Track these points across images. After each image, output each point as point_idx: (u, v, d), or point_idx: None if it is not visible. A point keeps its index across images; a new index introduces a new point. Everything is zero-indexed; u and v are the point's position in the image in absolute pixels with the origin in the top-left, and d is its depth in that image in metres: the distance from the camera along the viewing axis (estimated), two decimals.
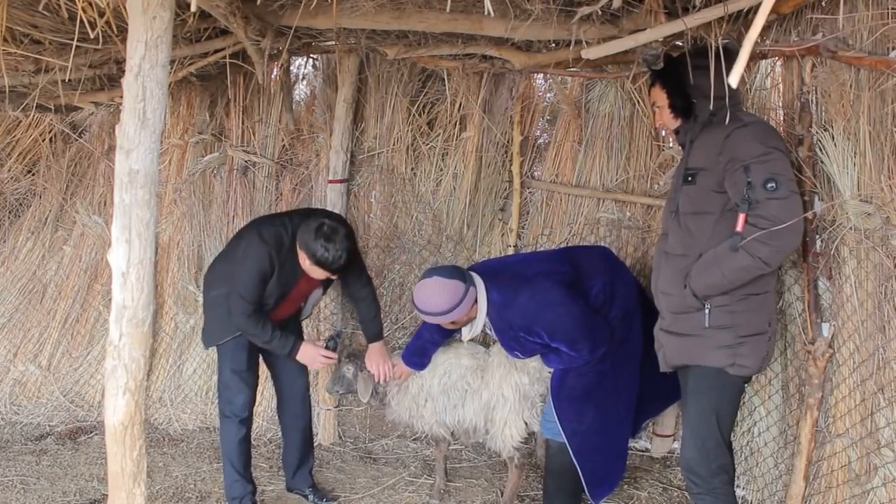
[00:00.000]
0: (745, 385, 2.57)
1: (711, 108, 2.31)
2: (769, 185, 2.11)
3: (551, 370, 2.94)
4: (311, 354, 2.92)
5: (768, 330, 2.31)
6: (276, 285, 2.79)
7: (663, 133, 3.70)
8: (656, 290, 2.49)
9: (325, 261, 2.66)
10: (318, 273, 2.75)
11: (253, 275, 2.72)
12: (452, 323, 2.75)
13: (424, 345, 3.07)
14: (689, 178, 2.36)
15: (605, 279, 2.83)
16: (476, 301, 2.72)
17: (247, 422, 3.01)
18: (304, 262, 2.74)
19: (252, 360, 2.98)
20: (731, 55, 2.23)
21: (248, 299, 2.73)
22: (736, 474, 3.02)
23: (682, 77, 2.35)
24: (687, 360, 2.35)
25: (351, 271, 2.96)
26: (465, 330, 2.84)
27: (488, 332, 2.87)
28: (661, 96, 2.48)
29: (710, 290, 2.25)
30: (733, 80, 1.12)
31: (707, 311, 2.27)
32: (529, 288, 2.69)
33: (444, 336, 3.05)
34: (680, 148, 2.68)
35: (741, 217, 2.15)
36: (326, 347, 2.99)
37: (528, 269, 2.80)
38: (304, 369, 3.19)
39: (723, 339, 2.26)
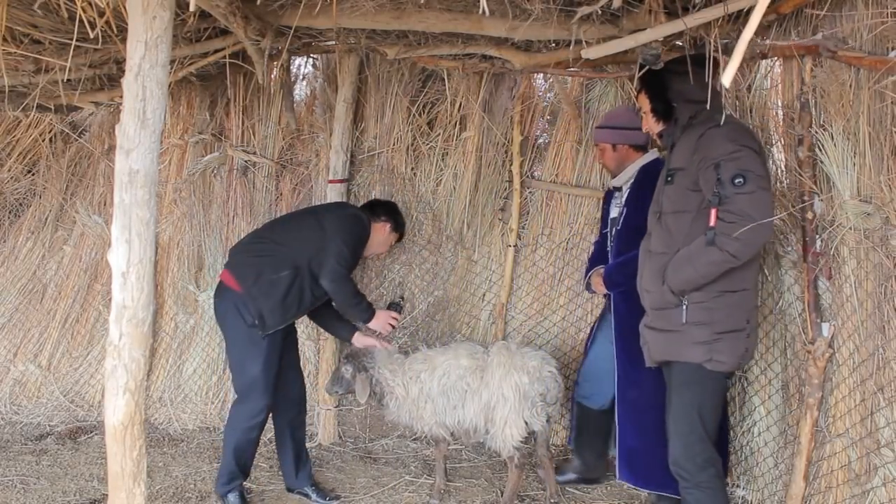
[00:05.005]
0: (728, 381, 2.64)
1: (692, 112, 2.38)
2: (737, 181, 2.17)
3: (553, 370, 2.97)
4: (382, 319, 3.24)
5: (746, 327, 2.34)
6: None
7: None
8: (641, 287, 2.55)
9: (404, 224, 3.41)
10: (390, 240, 3.38)
11: (360, 241, 3.10)
12: (613, 147, 3.18)
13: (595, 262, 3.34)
14: (669, 179, 2.43)
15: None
16: (640, 151, 3.16)
17: (261, 426, 3.00)
18: (383, 231, 3.29)
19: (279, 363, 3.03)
20: (703, 61, 2.28)
21: (349, 264, 3.03)
22: (736, 474, 3.04)
23: (664, 82, 2.46)
24: (668, 355, 2.41)
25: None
26: (614, 182, 3.23)
27: (617, 208, 3.18)
28: (645, 102, 2.57)
29: (685, 285, 2.30)
30: (726, 79, 1.12)
31: (685, 307, 2.32)
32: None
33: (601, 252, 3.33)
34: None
35: (713, 212, 2.21)
36: (390, 308, 3.34)
37: None
38: (301, 373, 3.26)
39: (699, 336, 2.30)
